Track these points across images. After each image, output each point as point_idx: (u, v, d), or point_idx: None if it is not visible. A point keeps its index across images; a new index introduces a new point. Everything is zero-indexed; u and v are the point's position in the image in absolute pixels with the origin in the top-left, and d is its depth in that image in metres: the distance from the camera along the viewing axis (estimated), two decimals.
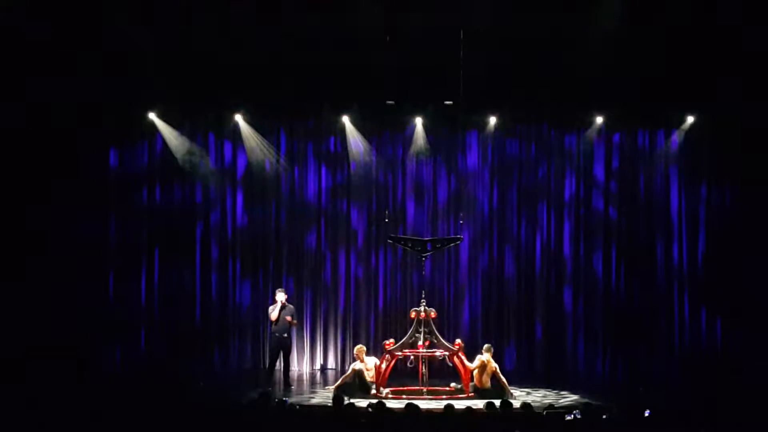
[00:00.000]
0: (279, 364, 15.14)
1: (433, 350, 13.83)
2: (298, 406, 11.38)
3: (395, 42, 15.05)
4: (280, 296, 14.96)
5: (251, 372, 16.28)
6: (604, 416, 9.76)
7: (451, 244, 15.79)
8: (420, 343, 13.81)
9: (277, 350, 15.01)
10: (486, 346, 14.05)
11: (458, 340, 14.26)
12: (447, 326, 16.36)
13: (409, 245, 15.22)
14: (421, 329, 13.93)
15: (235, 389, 13.84)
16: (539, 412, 10.39)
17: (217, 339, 16.61)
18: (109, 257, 16.19)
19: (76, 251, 15.58)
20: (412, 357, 13.85)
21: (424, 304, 14.10)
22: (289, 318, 14.89)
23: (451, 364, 13.98)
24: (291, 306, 15.13)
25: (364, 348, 14.18)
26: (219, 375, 15.95)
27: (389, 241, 15.68)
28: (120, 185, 16.41)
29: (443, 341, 14.02)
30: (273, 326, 14.92)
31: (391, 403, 11.15)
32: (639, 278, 16.80)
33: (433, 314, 14.11)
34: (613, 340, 16.67)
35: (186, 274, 16.54)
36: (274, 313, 14.84)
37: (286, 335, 14.92)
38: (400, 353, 13.89)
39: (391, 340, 14.26)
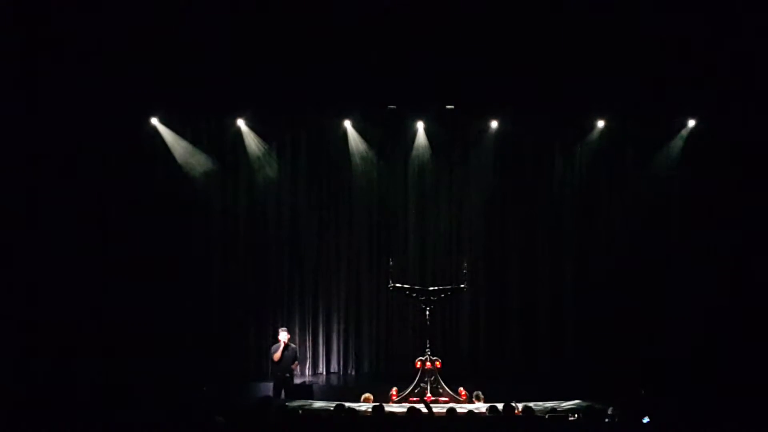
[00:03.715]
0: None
1: (438, 399, 13.66)
2: (300, 410, 11.41)
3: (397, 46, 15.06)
4: (283, 336, 14.64)
5: (253, 376, 16.20)
6: (606, 419, 9.79)
7: (455, 293, 15.29)
8: (427, 394, 13.74)
9: (278, 390, 14.64)
10: (475, 393, 13.84)
11: (462, 389, 14.07)
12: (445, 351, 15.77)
13: (413, 295, 14.80)
14: (427, 379, 13.88)
15: (238, 394, 13.80)
16: (541, 415, 10.41)
17: (219, 346, 16.45)
18: (105, 265, 16.00)
19: (74, 255, 15.51)
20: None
21: (429, 353, 14.03)
22: (293, 366, 14.62)
23: None
24: (294, 346, 14.89)
25: (371, 396, 13.79)
26: (221, 380, 15.80)
27: (390, 287, 15.06)
28: (119, 192, 16.29)
29: (449, 391, 13.94)
30: (274, 366, 14.63)
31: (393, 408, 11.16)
32: (642, 285, 16.64)
33: (438, 364, 14.04)
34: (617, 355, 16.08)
35: (185, 282, 16.33)
36: (276, 354, 14.50)
37: (288, 375, 14.61)
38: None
39: (395, 389, 14.14)
